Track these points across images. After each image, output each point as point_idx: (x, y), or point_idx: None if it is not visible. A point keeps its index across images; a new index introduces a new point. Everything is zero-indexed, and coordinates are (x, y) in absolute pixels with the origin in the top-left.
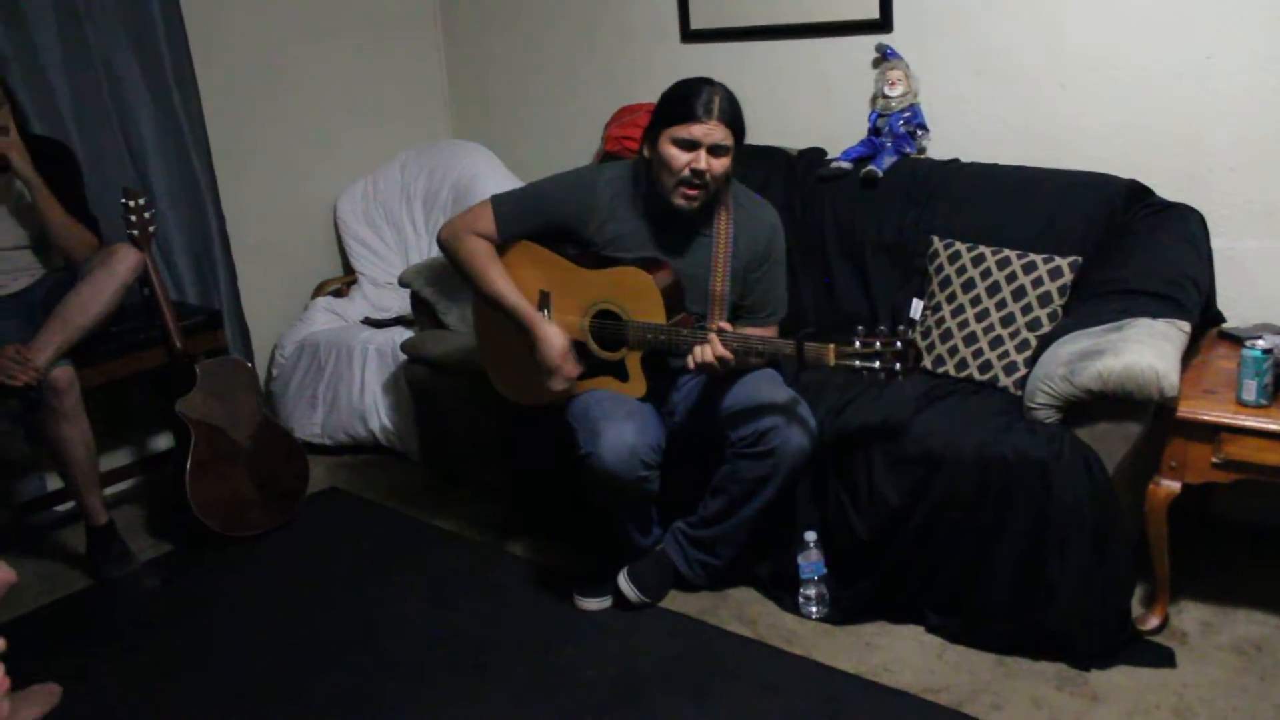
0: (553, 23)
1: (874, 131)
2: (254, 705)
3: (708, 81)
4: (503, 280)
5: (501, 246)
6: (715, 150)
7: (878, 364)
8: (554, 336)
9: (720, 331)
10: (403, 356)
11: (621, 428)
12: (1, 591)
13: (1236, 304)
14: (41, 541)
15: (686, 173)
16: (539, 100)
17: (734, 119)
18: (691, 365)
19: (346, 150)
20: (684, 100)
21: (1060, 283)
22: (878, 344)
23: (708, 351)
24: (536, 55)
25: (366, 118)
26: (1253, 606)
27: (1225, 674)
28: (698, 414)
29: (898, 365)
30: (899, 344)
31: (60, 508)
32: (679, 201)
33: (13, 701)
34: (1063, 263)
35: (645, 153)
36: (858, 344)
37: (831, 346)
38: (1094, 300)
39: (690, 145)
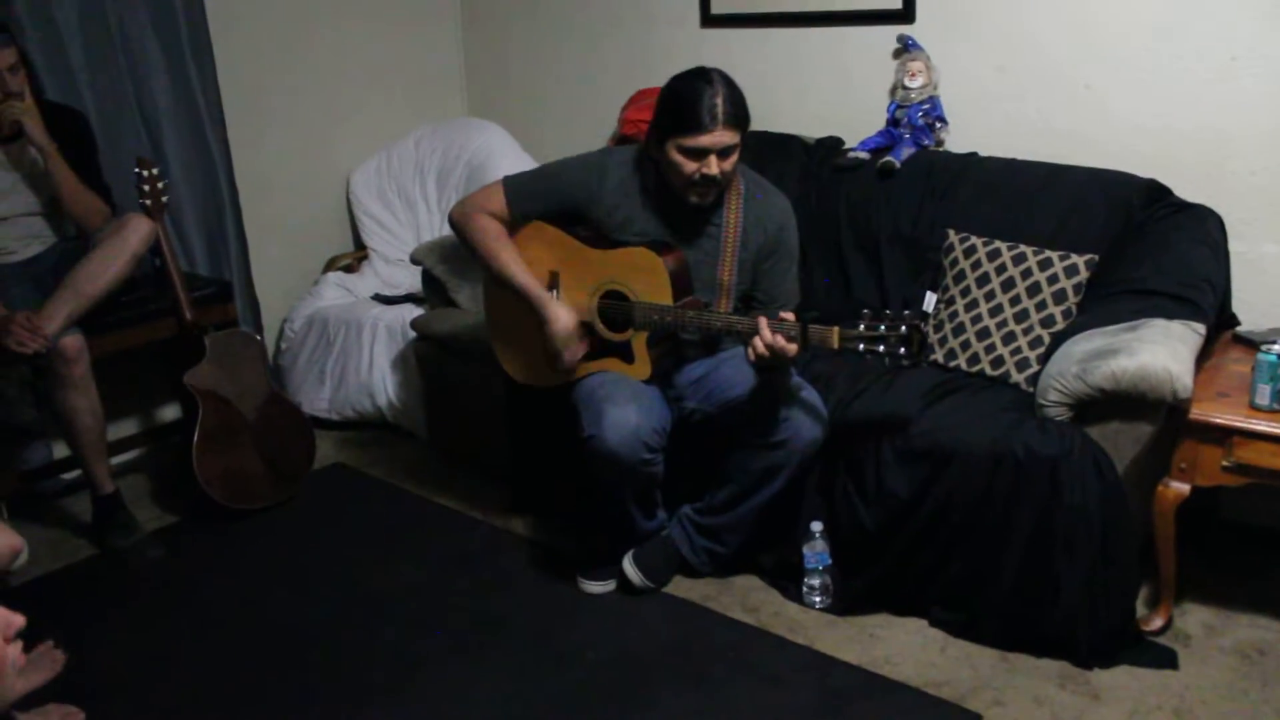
0: (572, 3)
1: (892, 122)
2: (255, 678)
3: (708, 80)
4: (512, 259)
5: (512, 226)
6: (723, 153)
7: (881, 348)
8: (562, 316)
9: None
10: (412, 334)
11: (625, 410)
12: (7, 558)
13: (1253, 308)
14: (47, 509)
15: (697, 178)
16: (556, 80)
17: (739, 117)
18: (751, 357)
19: (361, 125)
20: (688, 109)
21: (1076, 280)
22: (882, 327)
23: (758, 344)
24: (555, 35)
25: (383, 93)
26: (1257, 611)
27: (1227, 677)
28: (707, 400)
29: (902, 350)
30: (904, 328)
31: (67, 476)
32: (693, 199)
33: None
34: (1079, 260)
35: (651, 151)
36: (862, 327)
37: (836, 329)
38: (1109, 299)
39: (699, 154)
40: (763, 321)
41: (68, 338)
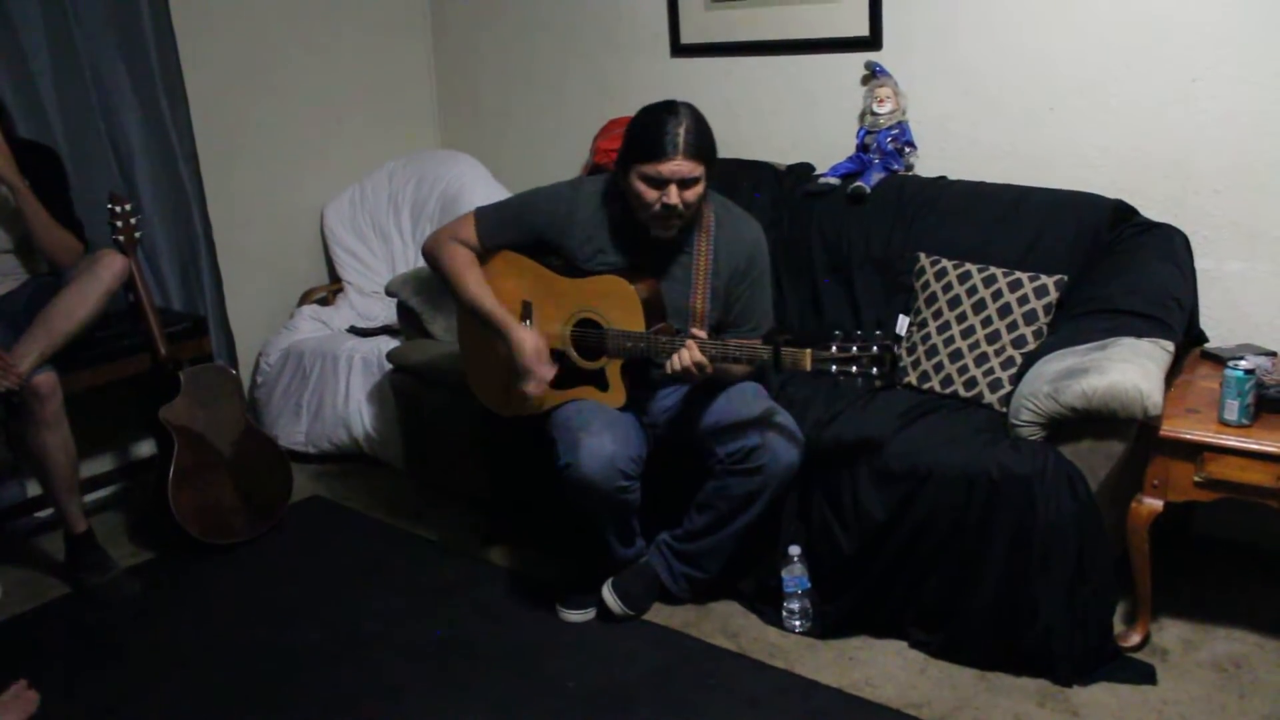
0: (543, 34)
1: (862, 148)
2: (234, 713)
3: (673, 111)
4: (478, 285)
5: (485, 256)
6: (685, 184)
7: (854, 369)
8: (526, 339)
9: (696, 338)
10: (388, 365)
11: (600, 438)
12: None
13: (1219, 325)
14: (20, 548)
15: (658, 207)
16: (528, 111)
17: (701, 149)
18: (668, 370)
19: (334, 158)
20: (650, 136)
21: (1045, 301)
22: (854, 349)
23: (685, 356)
24: (527, 66)
25: (355, 126)
26: (1233, 624)
27: (1205, 691)
28: (683, 427)
29: (874, 370)
30: (875, 348)
31: (40, 514)
32: (656, 231)
33: None
34: (1048, 281)
35: (619, 180)
36: (834, 349)
37: (808, 351)
38: (1079, 319)
39: (659, 182)
40: (690, 344)
41: (40, 375)
